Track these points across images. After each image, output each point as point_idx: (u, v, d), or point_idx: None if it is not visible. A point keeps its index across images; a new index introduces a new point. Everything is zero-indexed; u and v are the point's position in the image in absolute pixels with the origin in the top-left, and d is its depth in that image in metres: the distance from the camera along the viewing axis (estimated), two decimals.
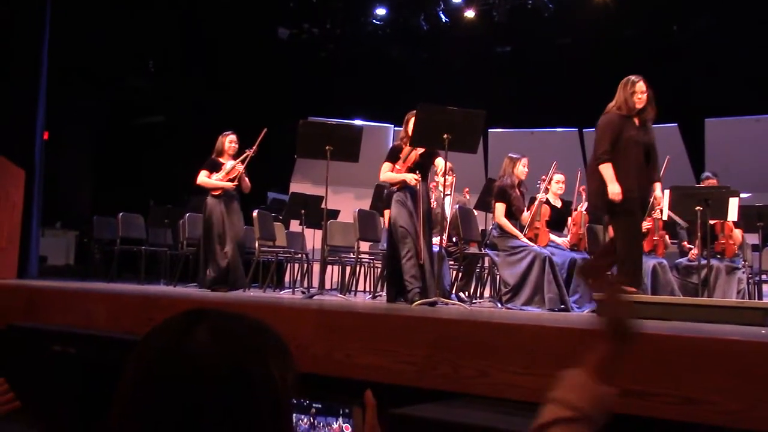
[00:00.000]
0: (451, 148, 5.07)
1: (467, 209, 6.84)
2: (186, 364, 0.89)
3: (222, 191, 6.49)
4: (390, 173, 5.52)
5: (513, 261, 5.97)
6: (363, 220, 7.11)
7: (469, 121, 5.10)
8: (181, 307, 3.79)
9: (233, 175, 6.54)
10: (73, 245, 11.19)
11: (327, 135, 5.63)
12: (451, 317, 3.02)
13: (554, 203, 6.57)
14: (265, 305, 4.01)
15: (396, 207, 5.43)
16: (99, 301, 4.12)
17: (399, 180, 5.44)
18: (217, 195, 6.50)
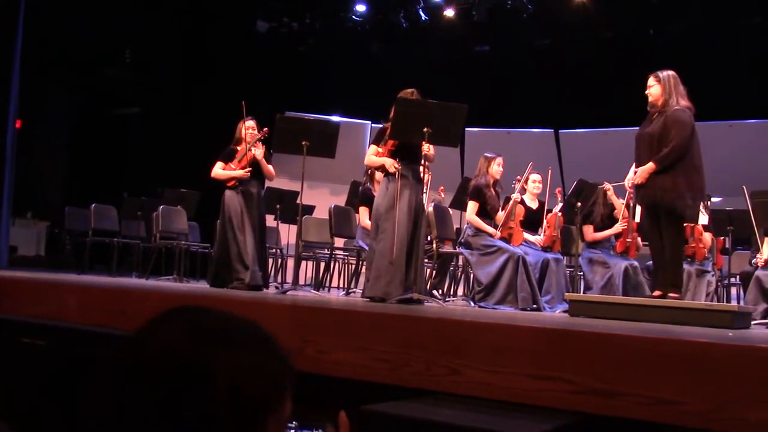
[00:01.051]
0: (432, 141, 5.01)
1: (442, 208, 6.86)
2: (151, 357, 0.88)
3: (237, 181, 6.00)
4: (373, 157, 5.31)
5: (487, 260, 6.00)
6: (338, 216, 7.11)
7: (451, 115, 5.05)
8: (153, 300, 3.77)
9: (246, 162, 6.03)
10: (44, 235, 11.04)
11: (304, 130, 5.62)
12: (424, 315, 3.02)
13: (530, 204, 6.61)
14: (237, 300, 3.99)
15: (378, 194, 5.27)
16: (70, 292, 4.08)
17: (379, 165, 5.29)
18: (232, 186, 6.00)
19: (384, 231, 5.05)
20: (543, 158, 9.29)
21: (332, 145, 5.68)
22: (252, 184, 6.03)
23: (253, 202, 5.97)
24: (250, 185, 6.01)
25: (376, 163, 5.32)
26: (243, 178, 5.97)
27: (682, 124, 4.82)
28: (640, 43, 10.12)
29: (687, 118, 4.84)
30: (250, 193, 5.99)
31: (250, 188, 6.01)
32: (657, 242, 4.90)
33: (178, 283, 7.10)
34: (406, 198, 5.11)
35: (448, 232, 6.74)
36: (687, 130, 4.79)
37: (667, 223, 4.82)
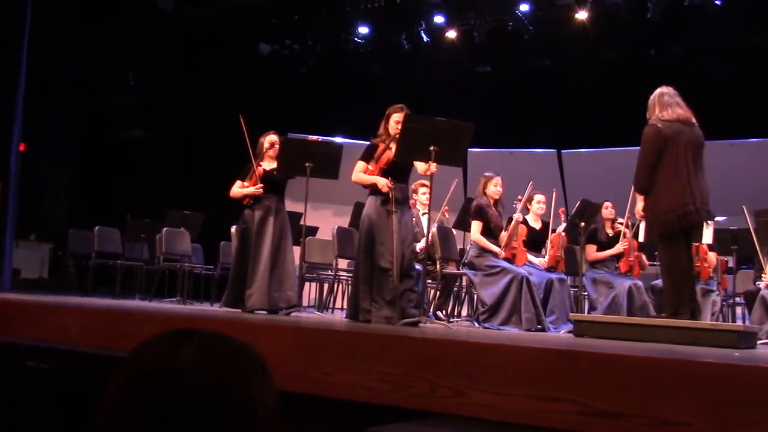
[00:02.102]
0: (438, 160, 4.91)
1: (446, 228, 6.86)
2: (170, 384, 0.90)
3: (251, 199, 5.85)
4: (362, 174, 5.21)
5: (490, 281, 5.99)
6: (342, 237, 7.11)
7: (458, 133, 4.97)
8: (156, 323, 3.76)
9: (256, 178, 5.86)
10: (47, 258, 11.05)
11: (307, 152, 5.63)
12: (428, 336, 3.02)
13: (534, 224, 6.62)
14: (241, 321, 3.98)
15: (368, 207, 5.18)
16: (72, 315, 4.07)
17: (370, 183, 5.18)
18: (249, 204, 5.86)
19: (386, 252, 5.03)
20: (546, 178, 9.31)
21: (335, 166, 5.68)
22: (268, 200, 5.86)
23: (269, 219, 5.80)
24: (265, 201, 5.85)
25: (365, 181, 5.20)
26: (257, 195, 5.83)
27: (643, 141, 4.79)
28: (641, 63, 10.17)
29: (649, 133, 4.76)
30: (266, 210, 5.83)
31: (266, 204, 5.85)
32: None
33: (181, 306, 7.10)
34: (401, 217, 5.10)
35: (452, 252, 6.73)
36: (646, 146, 4.73)
37: (657, 241, 4.82)
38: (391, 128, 5.22)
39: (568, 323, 5.83)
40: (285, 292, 5.74)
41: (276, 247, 5.77)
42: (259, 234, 5.76)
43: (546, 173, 10.11)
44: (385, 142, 5.23)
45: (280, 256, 5.80)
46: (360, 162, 5.27)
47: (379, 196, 5.15)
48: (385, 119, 5.30)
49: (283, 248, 5.85)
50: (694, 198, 4.65)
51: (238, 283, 5.79)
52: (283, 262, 5.80)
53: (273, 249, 5.74)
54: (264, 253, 5.71)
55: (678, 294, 4.68)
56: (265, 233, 5.77)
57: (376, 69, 11.72)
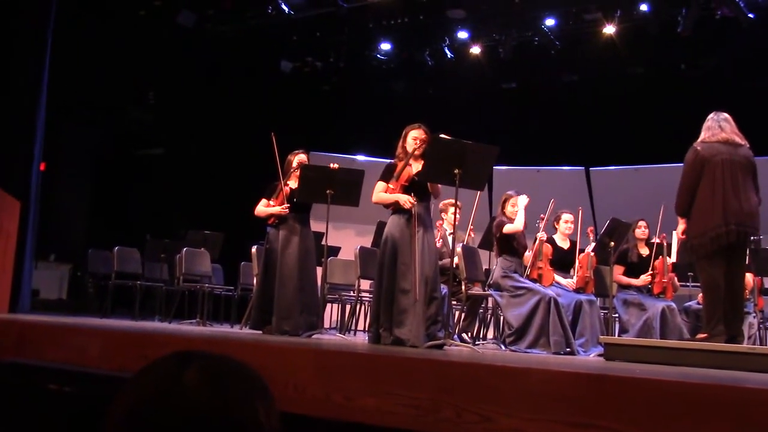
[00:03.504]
0: (461, 184, 4.90)
1: (471, 248, 6.83)
2: (176, 407, 0.92)
3: (276, 219, 5.89)
4: (382, 194, 5.21)
5: (517, 302, 5.96)
6: (364, 257, 7.10)
7: (482, 157, 4.96)
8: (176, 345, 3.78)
9: (282, 198, 5.89)
10: (66, 279, 11.17)
11: (328, 179, 5.65)
12: (454, 360, 3.00)
13: (561, 244, 6.58)
14: (261, 345, 3.98)
15: (391, 225, 5.15)
16: (92, 337, 4.10)
17: (391, 201, 5.16)
18: (274, 224, 5.91)
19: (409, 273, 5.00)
20: (573, 197, 9.26)
21: (356, 193, 5.70)
22: (293, 220, 5.88)
23: (294, 239, 5.82)
24: (290, 221, 5.87)
25: (386, 200, 5.19)
26: (281, 215, 5.85)
27: (684, 164, 4.96)
28: (671, 78, 10.12)
29: (688, 156, 4.94)
30: (291, 230, 5.86)
31: (291, 224, 5.87)
32: None
33: (201, 327, 7.12)
34: (423, 236, 5.08)
35: (477, 273, 6.70)
36: (685, 169, 4.90)
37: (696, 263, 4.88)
38: (409, 145, 5.22)
39: (599, 346, 5.78)
40: (309, 316, 5.76)
41: (301, 268, 5.80)
42: (284, 254, 5.80)
43: (573, 191, 10.06)
44: (404, 160, 5.23)
45: (306, 277, 5.83)
46: (380, 182, 5.27)
47: (402, 215, 5.14)
48: (402, 138, 5.31)
49: (308, 269, 5.88)
50: (729, 218, 4.68)
51: (263, 305, 5.83)
52: (308, 284, 5.83)
53: (299, 270, 5.77)
54: (289, 273, 5.75)
55: (713, 314, 4.69)
56: (290, 253, 5.80)
57: (398, 86, 11.77)
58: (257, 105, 11.20)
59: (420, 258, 4.98)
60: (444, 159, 4.89)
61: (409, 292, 4.95)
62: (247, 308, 6.91)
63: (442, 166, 4.90)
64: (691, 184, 4.81)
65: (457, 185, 4.89)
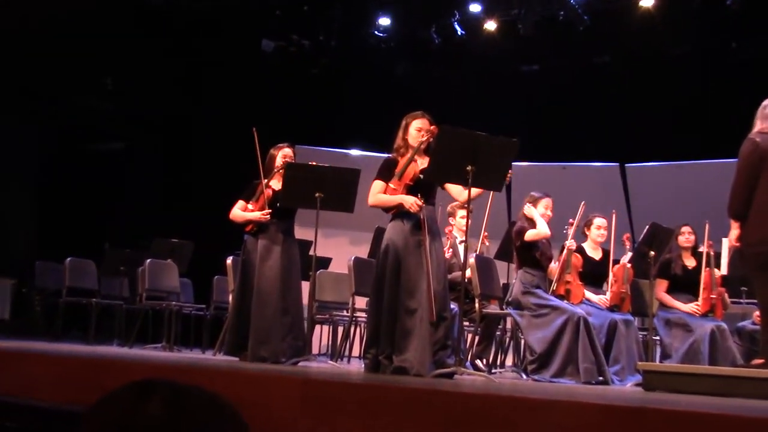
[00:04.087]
0: (475, 183, 4.89)
1: (486, 259, 6.83)
2: None
3: (255, 226, 5.88)
4: (381, 195, 5.19)
5: (540, 323, 5.95)
6: (360, 270, 7.09)
7: (499, 152, 4.94)
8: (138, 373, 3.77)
9: (263, 201, 5.88)
10: (9, 296, 11.13)
11: (317, 180, 5.64)
12: (466, 390, 2.99)
13: (592, 253, 6.58)
14: (237, 373, 3.98)
15: (393, 232, 5.14)
16: (39, 364, 4.09)
17: (393, 204, 5.14)
18: (252, 232, 5.91)
19: (417, 289, 5.00)
20: (606, 198, 9.26)
21: (350, 196, 5.69)
22: (276, 226, 5.87)
23: (276, 249, 5.82)
24: (272, 228, 5.87)
25: (387, 202, 5.17)
26: (261, 221, 5.84)
27: (738, 158, 4.89)
28: (720, 59, 10.12)
29: (744, 149, 4.86)
30: (272, 239, 5.85)
31: (273, 231, 5.87)
32: None
33: (167, 353, 7.12)
34: (432, 245, 5.08)
35: (494, 288, 6.69)
36: (741, 164, 4.84)
37: (753, 276, 4.82)
38: (412, 138, 5.23)
39: (636, 374, 5.78)
40: (293, 341, 5.75)
41: (284, 283, 5.79)
42: (264, 267, 5.79)
43: (606, 192, 10.06)
44: (407, 154, 5.24)
45: (289, 293, 5.82)
46: (377, 182, 5.25)
47: (406, 220, 5.13)
48: (402, 129, 5.32)
49: (291, 284, 5.88)
50: None
51: (239, 327, 5.82)
52: (291, 302, 5.82)
53: (281, 285, 5.76)
54: (270, 290, 5.74)
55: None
56: (271, 266, 5.80)
57: (400, 68, 11.79)
58: (234, 91, 11.20)
59: (430, 272, 4.98)
60: (454, 154, 4.87)
61: (416, 312, 4.94)
62: (222, 331, 6.90)
63: (452, 163, 4.88)
64: (747, 181, 4.76)
65: (470, 184, 4.88)
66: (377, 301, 5.15)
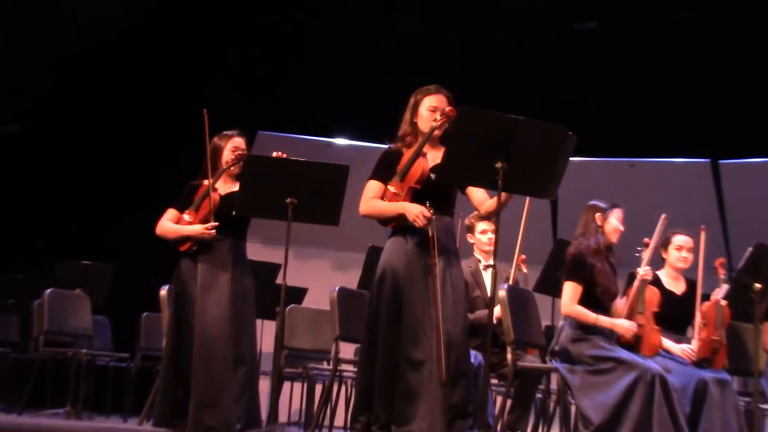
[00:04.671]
0: (511, 188, 4.86)
1: (523, 292, 6.78)
2: None
3: (193, 244, 5.91)
4: (377, 201, 5.22)
5: (599, 382, 5.92)
6: (347, 306, 7.03)
7: (544, 143, 4.85)
8: None
9: (206, 211, 5.91)
10: None
11: (288, 179, 5.58)
12: None
13: (672, 286, 6.57)
14: None
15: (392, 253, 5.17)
16: None
17: (393, 213, 5.16)
18: (189, 252, 5.95)
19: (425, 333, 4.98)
20: (693, 207, 9.23)
21: (335, 203, 5.65)
22: (222, 245, 5.94)
23: (222, 277, 5.88)
24: (218, 247, 5.93)
25: (385, 212, 5.18)
26: (203, 238, 5.87)
27: None
28: None
29: None
30: (217, 262, 5.91)
31: (219, 254, 5.93)
32: None
33: (73, 422, 7.06)
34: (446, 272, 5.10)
35: (533, 333, 6.64)
36: None
37: None
38: (423, 121, 5.25)
39: None
40: (248, 403, 5.77)
41: (234, 323, 5.80)
42: (207, 301, 5.81)
43: (691, 199, 10.05)
44: (414, 145, 5.23)
45: (242, 338, 5.84)
46: (373, 182, 5.27)
47: (410, 237, 5.13)
48: (410, 109, 5.34)
49: (244, 325, 5.90)
50: None
51: (174, 385, 5.82)
52: (246, 349, 5.85)
53: (232, 327, 5.78)
54: (217, 334, 5.76)
55: None
56: (217, 300, 5.82)
57: (405, 25, 11.74)
58: (171, 54, 11.14)
59: (443, 309, 4.97)
60: (479, 145, 4.81)
61: (422, 366, 4.94)
62: (151, 391, 6.83)
63: (476, 157, 4.82)
64: None
65: (501, 188, 4.81)
66: (370, 350, 5.14)
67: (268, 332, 7.57)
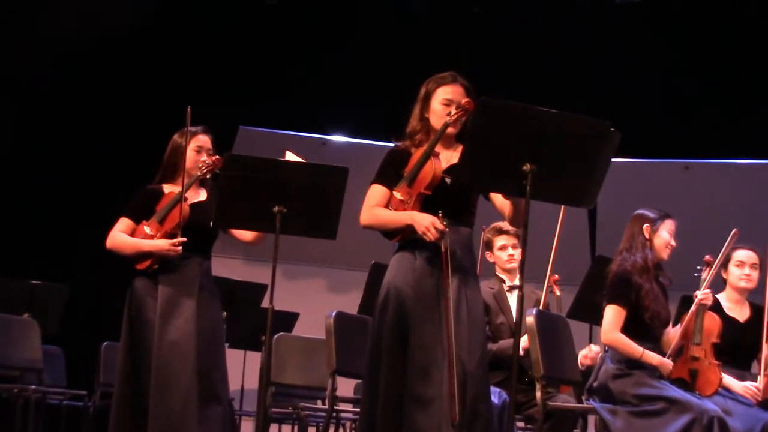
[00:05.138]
0: (541, 194, 4.79)
1: (555, 318, 6.79)
2: None
3: (152, 261, 5.90)
4: (381, 210, 5.21)
5: (647, 426, 5.93)
6: (345, 333, 7.05)
7: (582, 140, 4.83)
8: None
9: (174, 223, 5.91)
10: None
11: (276, 185, 5.55)
12: None
13: (734, 312, 6.57)
14: None
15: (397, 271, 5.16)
16: None
17: (399, 224, 5.14)
18: (145, 270, 5.94)
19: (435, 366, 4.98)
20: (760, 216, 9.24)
21: (332, 213, 5.59)
22: (188, 264, 5.98)
23: (186, 303, 5.89)
24: (182, 267, 5.96)
25: (390, 223, 5.16)
26: (167, 256, 5.88)
27: None
28: None
29: None
30: (181, 284, 5.94)
31: (184, 274, 5.96)
32: None
33: None
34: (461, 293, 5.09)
35: (566, 367, 6.65)
36: None
37: None
38: (436, 116, 5.24)
39: None
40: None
41: (200, 355, 5.83)
42: (168, 328, 5.83)
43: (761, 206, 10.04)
44: (425, 144, 5.22)
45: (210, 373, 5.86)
46: (376, 187, 5.27)
47: (418, 253, 5.13)
48: (420, 102, 5.33)
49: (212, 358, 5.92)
50: None
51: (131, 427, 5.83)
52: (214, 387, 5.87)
53: (196, 359, 5.80)
54: (180, 365, 5.78)
55: None
56: (180, 327, 5.84)
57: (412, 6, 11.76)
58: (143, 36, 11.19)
59: (457, 337, 4.95)
60: (503, 142, 4.81)
61: (434, 403, 4.93)
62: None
63: (498, 157, 4.81)
64: None
65: (529, 194, 4.81)
66: (372, 386, 5.15)
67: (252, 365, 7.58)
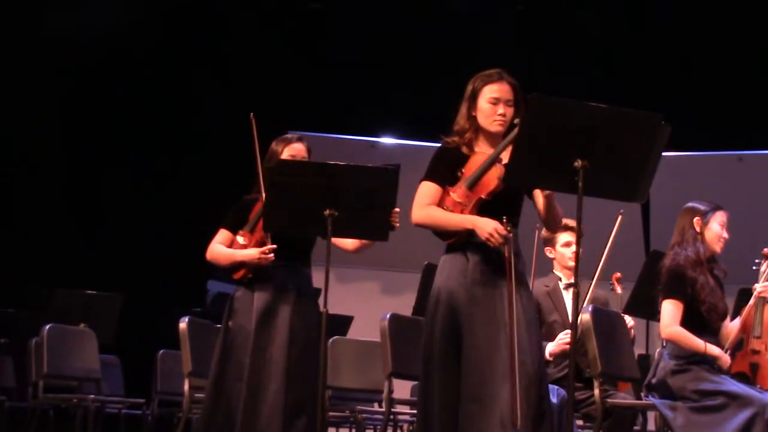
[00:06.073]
0: (593, 190, 4.76)
1: (611, 315, 6.76)
2: None
3: (248, 270, 5.98)
4: (436, 210, 5.15)
5: (708, 421, 5.88)
6: (401, 336, 7.05)
7: (634, 134, 4.83)
8: None
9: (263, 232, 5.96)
10: None
11: (327, 188, 5.53)
12: None
13: None
14: None
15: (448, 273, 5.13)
16: None
17: (457, 227, 5.11)
18: (244, 281, 6.03)
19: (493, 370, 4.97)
20: None
21: (384, 215, 5.56)
22: (284, 272, 6.01)
23: (282, 314, 5.94)
24: (279, 276, 6.00)
25: (448, 224, 5.12)
26: (260, 264, 5.91)
27: None
28: None
29: None
30: (278, 293, 5.97)
31: (280, 282, 5.99)
32: None
33: None
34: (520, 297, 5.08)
35: (625, 364, 6.62)
36: None
37: None
38: (483, 114, 5.21)
39: None
40: None
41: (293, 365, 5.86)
42: (262, 338, 5.87)
43: None
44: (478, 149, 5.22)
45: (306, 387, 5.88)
46: (427, 184, 5.22)
47: (471, 254, 5.11)
48: (467, 100, 5.27)
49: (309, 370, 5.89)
50: None
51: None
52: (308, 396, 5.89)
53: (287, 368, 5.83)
54: (272, 375, 5.83)
55: None
56: (274, 337, 5.89)
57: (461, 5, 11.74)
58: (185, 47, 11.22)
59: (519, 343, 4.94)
60: (555, 139, 4.78)
61: (491, 403, 4.91)
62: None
63: (548, 155, 4.80)
64: None
65: (581, 191, 4.80)
66: (429, 388, 5.13)
67: None
